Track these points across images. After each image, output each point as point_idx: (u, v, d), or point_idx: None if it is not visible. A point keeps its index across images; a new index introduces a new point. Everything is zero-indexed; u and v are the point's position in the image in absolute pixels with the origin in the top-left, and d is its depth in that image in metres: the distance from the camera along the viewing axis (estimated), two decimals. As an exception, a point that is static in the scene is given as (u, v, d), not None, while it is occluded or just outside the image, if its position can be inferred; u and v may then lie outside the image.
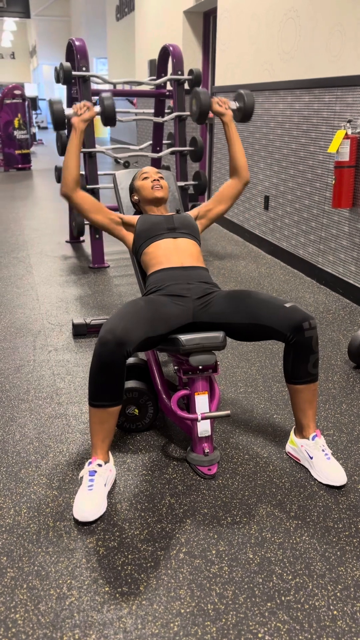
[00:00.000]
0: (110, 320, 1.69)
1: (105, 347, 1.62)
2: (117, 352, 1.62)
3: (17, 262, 4.17)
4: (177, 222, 2.13)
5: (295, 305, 1.80)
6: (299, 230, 3.98)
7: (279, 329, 1.76)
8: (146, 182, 2.20)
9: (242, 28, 4.61)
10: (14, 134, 9.18)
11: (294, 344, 1.76)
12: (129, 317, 1.70)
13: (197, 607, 1.36)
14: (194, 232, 2.14)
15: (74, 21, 20.94)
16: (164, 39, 7.03)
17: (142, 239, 2.10)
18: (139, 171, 2.30)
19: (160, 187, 2.19)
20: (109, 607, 1.35)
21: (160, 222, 2.11)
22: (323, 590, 1.41)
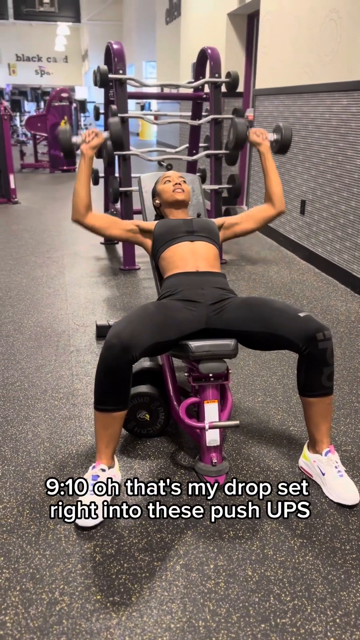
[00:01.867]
0: (117, 324, 1.67)
1: (110, 351, 1.60)
2: (122, 356, 1.60)
3: (51, 262, 4.23)
4: (197, 225, 2.10)
5: (309, 315, 1.73)
6: (335, 236, 3.87)
7: (292, 339, 1.70)
8: (168, 186, 2.19)
9: (283, 30, 4.53)
10: (60, 136, 9.34)
11: (307, 354, 1.70)
12: (137, 322, 1.68)
13: (188, 622, 1.32)
14: (212, 236, 2.10)
15: (125, 25, 21.22)
16: (207, 42, 7.00)
17: (160, 243, 2.08)
18: (162, 175, 2.28)
19: (182, 191, 2.17)
20: (99, 616, 1.33)
21: (178, 225, 2.09)
22: (322, 614, 1.34)
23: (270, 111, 4.93)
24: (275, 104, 4.80)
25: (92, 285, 3.73)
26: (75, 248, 4.65)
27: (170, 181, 2.19)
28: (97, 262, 4.26)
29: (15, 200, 6.51)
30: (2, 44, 23.87)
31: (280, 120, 4.71)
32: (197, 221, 2.12)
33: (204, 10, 7.05)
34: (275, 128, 2.29)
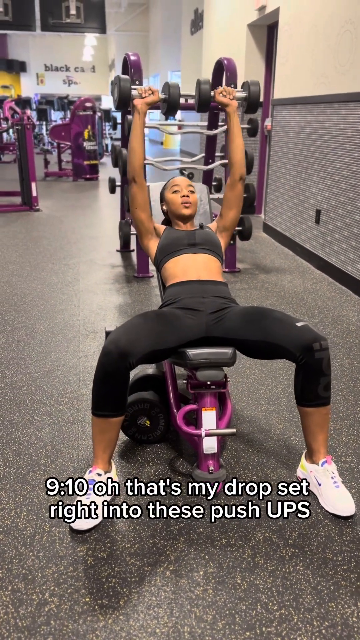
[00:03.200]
0: (116, 331, 1.70)
1: (108, 357, 1.63)
2: (119, 362, 1.63)
3: (67, 269, 4.30)
4: (199, 237, 2.12)
5: (307, 325, 1.74)
6: (349, 246, 3.85)
7: (289, 348, 1.71)
8: (176, 197, 2.17)
9: (301, 41, 4.55)
10: (84, 145, 9.50)
11: (304, 364, 1.70)
12: (135, 329, 1.70)
13: (173, 627, 1.33)
14: (214, 248, 2.12)
15: (152, 36, 21.48)
16: (228, 53, 7.05)
17: (162, 254, 2.11)
18: (170, 181, 2.27)
19: (189, 204, 2.15)
20: (86, 618, 1.36)
21: (181, 237, 2.11)
22: (308, 625, 1.34)
23: (288, 121, 4.94)
24: (292, 114, 4.81)
25: (105, 292, 3.78)
26: (91, 255, 4.71)
27: (179, 191, 2.17)
28: (112, 270, 4.31)
29: (36, 208, 6.63)
30: (32, 55, 24.42)
31: (297, 129, 4.72)
32: (199, 233, 2.14)
33: (225, 21, 7.11)
34: (242, 85, 2.25)
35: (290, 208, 4.94)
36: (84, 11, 11.69)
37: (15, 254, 4.71)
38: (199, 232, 2.14)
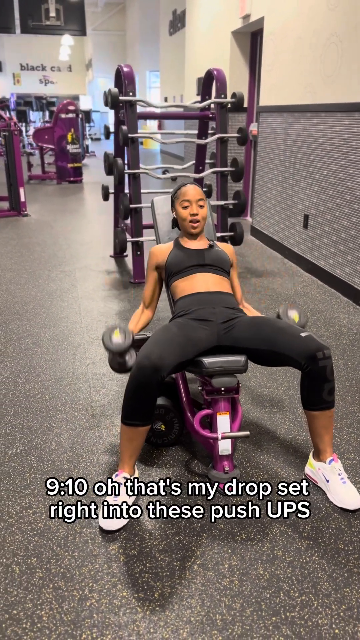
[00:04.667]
0: (146, 346, 1.81)
1: (142, 371, 1.74)
2: (152, 376, 1.74)
3: (63, 275, 4.39)
4: (208, 258, 2.19)
5: (310, 335, 1.88)
6: (337, 250, 4.02)
7: (295, 357, 1.85)
8: (185, 213, 2.20)
9: (287, 50, 4.70)
10: (67, 148, 9.54)
11: (309, 372, 1.84)
12: (164, 344, 1.82)
13: (206, 616, 1.46)
14: (224, 266, 2.21)
15: (129, 35, 21.49)
16: (212, 58, 7.19)
17: (172, 272, 2.20)
18: (182, 190, 2.24)
19: (198, 222, 2.20)
20: (125, 610, 1.48)
21: (190, 256, 2.18)
22: (327, 609, 1.48)
23: (274, 127, 5.09)
24: (279, 121, 4.96)
25: (104, 298, 3.88)
26: (85, 261, 4.80)
27: (189, 206, 2.19)
28: (108, 276, 4.42)
29: (25, 213, 6.68)
30: (7, 54, 24.22)
31: (284, 136, 4.87)
32: (209, 254, 2.20)
33: (209, 27, 7.23)
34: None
35: (278, 212, 5.10)
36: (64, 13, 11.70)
37: (10, 261, 4.77)
38: (208, 253, 2.21)
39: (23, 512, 1.83)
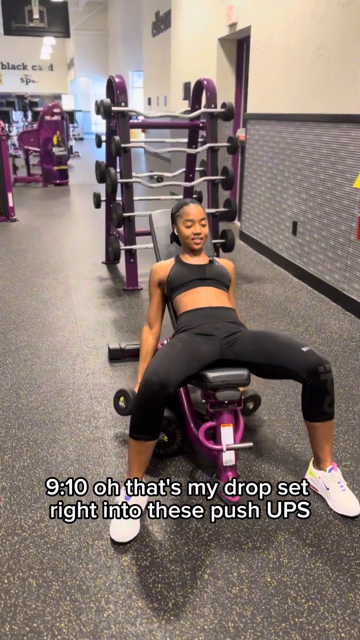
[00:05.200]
0: (153, 362, 1.87)
1: (150, 388, 1.80)
2: (160, 392, 1.80)
3: (57, 283, 4.42)
4: (209, 273, 2.27)
5: (311, 349, 1.95)
6: (326, 257, 4.12)
7: (297, 371, 1.92)
8: (189, 232, 2.28)
9: (274, 60, 4.78)
10: (53, 150, 9.53)
11: (310, 385, 1.92)
12: (170, 360, 1.88)
13: (219, 624, 1.53)
14: (224, 280, 2.29)
15: (111, 35, 21.45)
16: (198, 64, 7.25)
17: (174, 287, 2.27)
18: (184, 209, 2.29)
19: (201, 240, 2.28)
20: (142, 620, 1.54)
21: (192, 271, 2.26)
22: (333, 614, 1.57)
23: (262, 135, 5.18)
24: (267, 129, 5.05)
25: (98, 306, 3.93)
26: (78, 268, 4.84)
27: (192, 226, 2.27)
28: (101, 283, 4.46)
29: (13, 218, 6.68)
30: (-12, 53, 24.01)
31: (272, 143, 4.96)
32: (209, 269, 2.29)
33: (195, 33, 7.29)
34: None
35: (267, 218, 5.19)
36: (47, 15, 11.66)
37: (2, 268, 4.79)
38: (209, 268, 2.29)
39: (35, 525, 1.88)
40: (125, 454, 2.27)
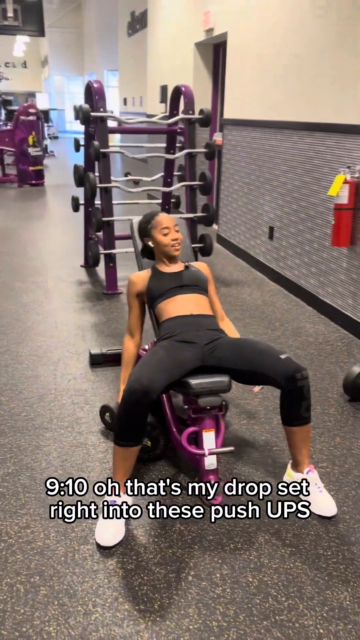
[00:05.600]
0: (136, 370, 1.92)
1: (133, 395, 1.85)
2: (143, 399, 1.85)
3: (35, 287, 4.43)
4: (187, 279, 2.32)
5: (289, 357, 2.03)
6: (301, 262, 4.22)
7: (275, 378, 2.00)
8: (167, 240, 2.31)
9: (250, 66, 4.86)
10: (28, 150, 9.47)
11: (288, 391, 1.99)
12: (153, 367, 1.93)
13: (204, 623, 1.59)
14: (202, 285, 2.36)
15: (86, 34, 21.34)
16: (175, 67, 7.30)
17: (154, 296, 2.31)
18: (156, 219, 2.35)
19: (179, 245, 2.34)
20: (129, 622, 1.59)
21: (170, 280, 2.30)
22: (312, 611, 1.64)
23: (239, 141, 5.26)
24: (243, 135, 5.13)
25: (78, 311, 3.95)
26: (56, 272, 4.85)
27: (168, 234, 2.31)
28: (80, 287, 4.48)
29: (-11, 220, 6.63)
30: None
31: (249, 149, 5.04)
32: (186, 275, 2.34)
33: (172, 36, 7.34)
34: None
35: (244, 222, 5.27)
36: (22, 14, 11.56)
37: (-21, 272, 4.77)
38: (186, 274, 2.35)
39: (22, 532, 1.91)
40: (108, 459, 2.31)
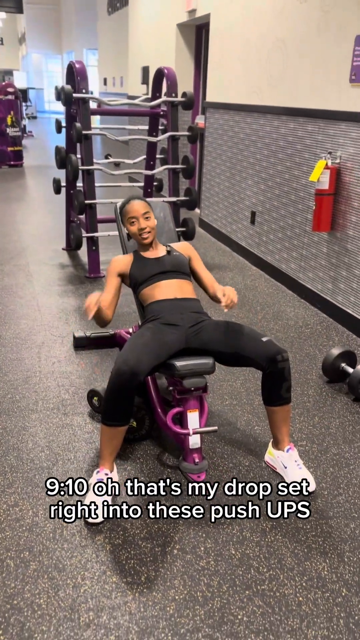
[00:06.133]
0: (124, 352, 1.96)
1: (121, 377, 1.89)
2: (131, 381, 1.89)
3: (17, 270, 4.41)
4: (169, 264, 2.33)
5: (270, 340, 2.09)
6: (282, 247, 4.28)
7: (257, 360, 2.06)
8: (134, 229, 2.34)
9: (233, 49, 4.85)
10: (7, 131, 9.31)
11: (270, 373, 2.06)
12: (140, 349, 1.97)
13: (189, 594, 1.66)
14: (184, 270, 2.37)
15: (64, 11, 20.87)
16: (157, 49, 7.23)
17: (137, 282, 2.33)
18: (126, 208, 2.36)
19: (149, 233, 2.33)
20: (117, 594, 1.65)
21: (152, 266, 2.31)
22: (292, 580, 1.72)
23: (221, 124, 5.26)
24: (225, 118, 5.14)
25: (61, 294, 3.96)
26: (38, 255, 4.83)
27: (135, 222, 2.32)
28: (63, 270, 4.48)
29: (-32, 201, 6.54)
30: None
31: (231, 133, 5.06)
32: (168, 260, 2.35)
33: (154, 17, 7.25)
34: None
35: (227, 207, 5.30)
36: (-1, -11, 11.26)
37: None
38: (168, 259, 2.35)
39: (10, 509, 1.95)
40: (94, 440, 2.36)
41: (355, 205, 3.36)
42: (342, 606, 1.64)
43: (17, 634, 1.52)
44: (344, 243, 3.51)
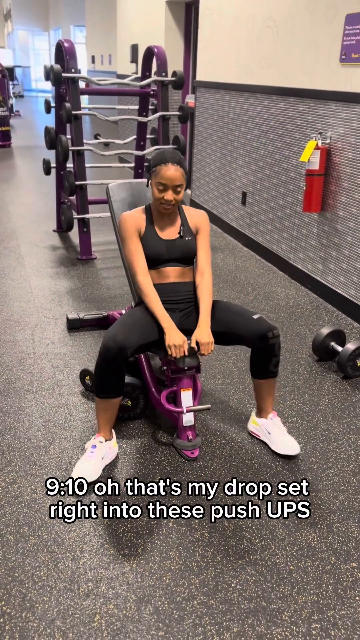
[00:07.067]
0: (112, 328, 2.01)
1: (109, 351, 1.94)
2: (118, 355, 1.94)
3: (8, 252, 4.41)
4: (178, 251, 2.23)
5: (261, 317, 2.14)
6: (273, 227, 4.30)
7: (248, 337, 2.11)
8: (159, 196, 2.10)
9: (223, 28, 4.81)
10: (-6, 111, 9.18)
11: (261, 348, 2.12)
12: (128, 326, 2.02)
13: (184, 564, 1.72)
14: (192, 256, 2.28)
15: (51, -14, 20.41)
16: (146, 26, 7.13)
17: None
18: (161, 167, 2.07)
19: (170, 206, 2.13)
20: (114, 565, 1.71)
21: (161, 249, 2.20)
22: (283, 550, 1.79)
23: (211, 103, 5.23)
24: (216, 98, 5.11)
25: (53, 276, 3.97)
26: (29, 237, 4.82)
27: (163, 190, 2.08)
28: (54, 252, 4.48)
29: None
30: None
31: (222, 113, 5.04)
32: (179, 245, 2.22)
33: (141, -8, 7.13)
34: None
35: (217, 187, 5.30)
36: None
37: None
38: (179, 244, 2.23)
39: (9, 487, 2.00)
40: (90, 419, 2.40)
41: (345, 185, 3.39)
42: (331, 573, 1.71)
43: (19, 604, 1.58)
44: (334, 224, 3.54)
